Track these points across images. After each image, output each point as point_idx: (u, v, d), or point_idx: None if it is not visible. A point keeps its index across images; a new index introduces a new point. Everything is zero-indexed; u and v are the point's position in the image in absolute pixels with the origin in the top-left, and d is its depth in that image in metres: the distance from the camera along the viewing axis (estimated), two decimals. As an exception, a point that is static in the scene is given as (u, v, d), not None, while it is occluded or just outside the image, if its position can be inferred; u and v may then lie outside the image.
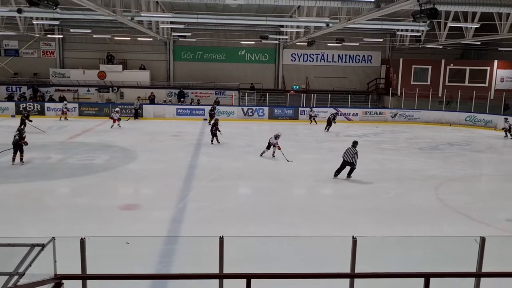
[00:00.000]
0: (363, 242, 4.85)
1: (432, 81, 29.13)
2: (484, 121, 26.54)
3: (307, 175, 14.30)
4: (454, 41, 24.66)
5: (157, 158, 16.26)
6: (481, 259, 4.94)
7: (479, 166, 17.09)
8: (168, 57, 32.48)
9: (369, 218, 10.21)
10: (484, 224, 10.03)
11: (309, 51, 32.54)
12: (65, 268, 4.30)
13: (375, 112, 28.70)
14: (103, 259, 6.17)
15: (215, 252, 4.68)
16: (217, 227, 8.99)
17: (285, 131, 24.23)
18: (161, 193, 12.13)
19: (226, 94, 30.56)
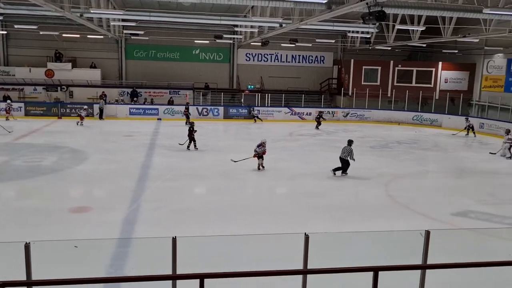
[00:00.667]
0: (315, 238, 4.96)
1: (382, 82, 30.12)
2: (430, 120, 27.74)
3: (261, 174, 14.40)
4: (402, 43, 25.63)
5: (109, 158, 15.85)
6: (426, 252, 5.17)
7: (425, 163, 17.83)
8: (120, 55, 31.69)
9: (322, 215, 10.42)
10: (430, 218, 10.49)
11: (264, 51, 32.78)
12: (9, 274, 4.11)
13: (328, 112, 29.29)
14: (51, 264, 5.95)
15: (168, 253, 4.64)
16: (171, 228, 8.88)
17: (239, 131, 24.37)
18: (113, 194, 11.83)
19: (181, 94, 30.20)
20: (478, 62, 29.14)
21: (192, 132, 17.78)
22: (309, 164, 16.16)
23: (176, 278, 4.44)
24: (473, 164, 17.35)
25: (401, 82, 29.92)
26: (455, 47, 28.65)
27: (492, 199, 12.72)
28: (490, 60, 28.07)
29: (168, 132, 22.48)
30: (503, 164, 17.25)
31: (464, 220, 10.48)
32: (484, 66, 28.60)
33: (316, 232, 5.19)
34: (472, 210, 11.29)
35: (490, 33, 19.42)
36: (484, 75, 28.59)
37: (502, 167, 16.85)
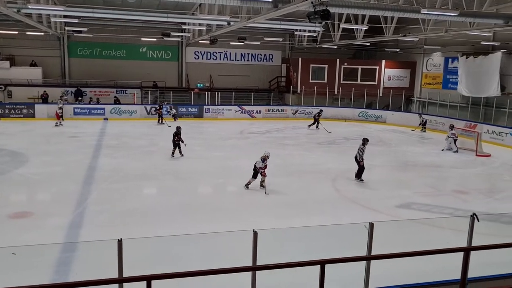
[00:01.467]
0: (264, 235, 5.01)
1: (329, 79, 30.83)
2: (375, 116, 28.72)
3: (211, 172, 14.36)
4: (347, 41, 26.36)
5: (52, 161, 15.22)
6: (371, 244, 5.36)
7: (371, 158, 18.41)
8: (63, 53, 30.43)
9: (272, 212, 10.56)
10: (376, 211, 10.89)
11: (212, 49, 32.63)
12: None
13: (277, 109, 29.63)
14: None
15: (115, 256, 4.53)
16: (119, 230, 8.68)
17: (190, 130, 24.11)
18: (57, 198, 11.39)
19: (128, 93, 29.44)
20: (418, 60, 30.50)
21: (177, 137, 16.08)
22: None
23: (123, 281, 4.34)
24: (416, 158, 18.16)
25: (347, 80, 30.76)
26: (397, 45, 29.82)
27: (433, 191, 13.38)
28: (429, 58, 29.46)
29: (115, 132, 21.89)
30: (445, 158, 18.16)
31: (407, 212, 10.97)
32: (423, 64, 29.99)
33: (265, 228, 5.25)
34: (414, 202, 11.83)
35: (428, 33, 20.37)
36: (424, 73, 29.97)
37: (443, 160, 17.75)
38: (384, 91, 30.60)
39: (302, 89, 29.84)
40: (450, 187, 14.03)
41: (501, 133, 21.48)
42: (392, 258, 5.28)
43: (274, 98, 31.56)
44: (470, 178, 15.33)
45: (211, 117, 28.13)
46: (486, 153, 18.66)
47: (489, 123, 22.65)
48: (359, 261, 5.30)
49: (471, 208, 9.79)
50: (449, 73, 27.45)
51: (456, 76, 26.13)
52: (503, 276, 6.07)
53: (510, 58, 23.00)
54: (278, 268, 4.68)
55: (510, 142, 20.86)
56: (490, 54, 23.63)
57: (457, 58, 25.96)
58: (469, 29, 17.98)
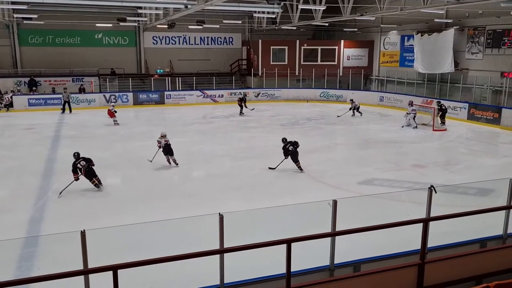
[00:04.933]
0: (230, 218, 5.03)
1: (289, 61, 30.92)
2: (335, 96, 29.15)
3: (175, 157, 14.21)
4: (306, 22, 26.43)
5: (7, 155, 14.67)
6: (335, 220, 5.48)
7: (333, 137, 18.80)
8: (13, 41, 29.03)
9: (236, 195, 10.63)
10: (339, 189, 11.16)
11: (171, 34, 31.96)
12: None
13: (239, 93, 29.50)
14: None
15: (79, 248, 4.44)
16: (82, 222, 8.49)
17: (152, 117, 23.74)
18: (15, 193, 11.02)
19: (85, 81, 28.51)
20: (375, 40, 31.02)
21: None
22: (223, 145, 16.26)
23: (88, 273, 4.28)
24: (376, 135, 18.62)
25: (307, 61, 30.94)
26: (355, 25, 30.19)
27: (393, 166, 13.80)
28: (386, 37, 30.01)
29: (74, 122, 21.25)
30: (404, 134, 18.72)
31: (369, 188, 11.28)
32: (381, 43, 30.53)
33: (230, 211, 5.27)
34: (376, 178, 12.18)
35: (384, 12, 20.72)
36: (382, 51, 30.54)
37: (402, 136, 18.30)
38: (344, 70, 31.02)
39: (264, 72, 29.83)
40: (409, 162, 14.51)
41: (455, 108, 22.29)
42: (356, 232, 5.44)
43: (236, 81, 31.41)
44: (428, 152, 15.89)
45: (173, 103, 27.74)
46: (442, 128, 19.36)
47: (444, 98, 23.43)
48: (324, 238, 5.42)
49: (429, 181, 10.16)
50: (406, 51, 28.10)
51: (412, 54, 26.79)
52: (460, 244, 6.38)
53: (463, 35, 23.76)
54: (245, 249, 4.73)
55: (464, 116, 21.72)
56: (444, 31, 24.32)
57: (412, 36, 26.59)
58: (423, 7, 18.39)
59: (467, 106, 21.88)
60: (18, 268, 6.76)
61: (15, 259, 7.01)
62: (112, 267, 3.80)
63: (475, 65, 23.30)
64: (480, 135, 18.59)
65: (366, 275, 5.35)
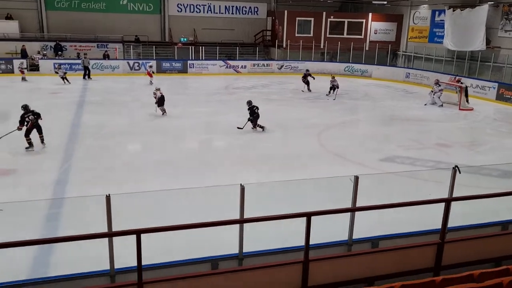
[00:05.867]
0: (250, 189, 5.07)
1: (315, 33, 30.34)
2: (360, 71, 28.60)
3: (196, 128, 14.31)
4: (334, -7, 25.78)
5: (34, 118, 14.92)
6: (355, 196, 5.48)
7: (356, 112, 18.57)
8: (39, 5, 29.19)
9: (257, 166, 10.65)
10: (360, 165, 11.07)
11: (196, 2, 31.65)
12: None
13: (262, 64, 29.27)
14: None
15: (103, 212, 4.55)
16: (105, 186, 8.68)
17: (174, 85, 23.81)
18: (42, 155, 11.29)
19: (109, 47, 28.63)
20: (405, 13, 30.09)
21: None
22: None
23: (112, 235, 4.40)
24: (400, 112, 18.30)
25: (333, 34, 30.31)
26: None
27: (416, 144, 13.59)
28: (416, 11, 29.08)
29: (98, 88, 21.48)
30: (429, 112, 18.33)
31: (391, 165, 11.17)
32: (410, 17, 29.62)
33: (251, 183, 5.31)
34: (398, 156, 12.03)
35: (416, -15, 20.02)
36: (411, 26, 29.66)
37: (427, 114, 17.93)
38: (370, 45, 30.32)
39: (288, 44, 29.38)
40: (433, 140, 14.26)
41: (484, 87, 21.67)
42: (376, 209, 5.44)
43: (259, 52, 31.07)
44: (453, 132, 15.58)
45: (195, 72, 27.70)
46: (469, 107, 18.89)
47: (474, 77, 22.76)
48: (344, 213, 5.43)
49: (453, 161, 10.01)
50: (436, 26, 27.22)
51: (443, 29, 25.93)
52: (481, 226, 6.31)
53: (497, 11, 22.84)
54: (265, 220, 4.77)
55: (493, 96, 21.10)
56: (477, 7, 23.41)
57: (444, 10, 25.68)
58: (457, -19, 17.70)
59: (496, 86, 21.21)
60: (45, 228, 6.98)
61: (41, 219, 7.24)
62: (135, 231, 3.89)
63: (508, 44, 22.45)
64: (508, 116, 18.09)
65: (384, 251, 5.36)
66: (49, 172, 9.76)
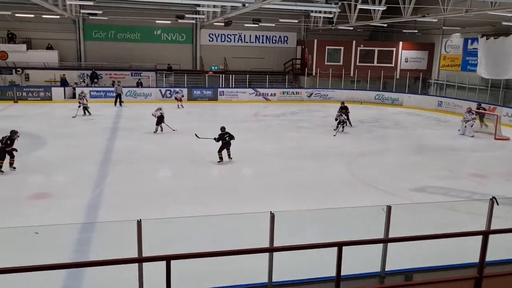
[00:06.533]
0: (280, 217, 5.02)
1: (344, 61, 30.42)
2: (391, 99, 28.36)
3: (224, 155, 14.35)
4: (364, 23, 25.90)
5: (69, 143, 15.40)
6: (388, 226, 5.34)
7: (386, 141, 18.30)
8: (78, 36, 30.52)
9: (287, 194, 10.56)
10: (391, 194, 10.83)
11: (227, 32, 32.39)
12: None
13: (292, 92, 29.45)
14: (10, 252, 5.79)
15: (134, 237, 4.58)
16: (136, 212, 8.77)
17: (204, 112, 24.19)
18: (75, 180, 11.55)
19: (143, 75, 29.50)
20: (436, 42, 29.87)
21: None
22: (273, 144, 16.27)
23: (142, 261, 4.41)
24: (432, 141, 17.93)
25: (363, 62, 30.31)
26: (415, 27, 29.22)
27: (450, 174, 13.22)
28: (448, 39, 28.83)
29: (131, 115, 22.02)
30: (462, 141, 17.90)
31: (423, 195, 10.88)
32: (442, 45, 29.36)
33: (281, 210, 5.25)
34: (430, 185, 11.72)
35: (448, 13, 19.88)
36: (442, 54, 29.37)
37: (460, 143, 17.51)
38: (401, 73, 30.12)
39: (317, 72, 29.54)
40: (468, 170, 13.86)
41: (520, 116, 21.05)
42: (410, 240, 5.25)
43: (288, 80, 31.33)
44: (489, 162, 15.09)
45: (225, 99, 28.11)
46: (505, 137, 18.33)
47: (508, 106, 22.17)
48: (377, 244, 5.29)
49: (489, 192, 9.65)
50: (469, 54, 26.86)
51: (476, 57, 25.53)
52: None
53: (532, 39, 22.38)
54: (295, 249, 4.69)
55: (530, 125, 20.46)
56: (511, 35, 23.01)
57: (477, 39, 25.33)
58: (491, 9, 17.48)
59: (533, 114, 20.61)
60: (76, 252, 7.07)
61: (72, 243, 7.34)
62: (165, 257, 3.88)
63: (544, 72, 21.88)
64: (547, 147, 17.44)
65: (418, 285, 5.15)
66: (82, 196, 9.95)
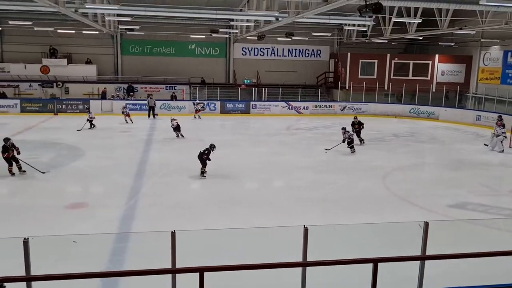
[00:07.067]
0: (314, 231, 4.95)
1: (378, 75, 30.07)
2: (427, 112, 27.75)
3: (257, 168, 14.39)
4: (398, 36, 25.60)
5: (105, 155, 15.80)
6: (425, 243, 5.18)
7: (422, 156, 17.87)
8: (116, 50, 31.51)
9: (319, 208, 10.43)
10: (427, 210, 10.52)
11: (260, 45, 32.67)
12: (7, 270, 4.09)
13: (324, 106, 29.29)
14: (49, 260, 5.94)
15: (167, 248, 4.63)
16: (169, 223, 8.87)
17: (237, 125, 24.37)
18: (110, 191, 11.81)
19: (177, 89, 30.10)
20: (474, 55, 29.13)
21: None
22: (305, 157, 16.16)
23: (176, 272, 4.43)
24: (470, 156, 17.37)
25: (397, 75, 29.89)
26: (452, 39, 28.62)
27: (488, 190, 12.76)
28: (486, 52, 28.06)
29: (164, 127, 22.38)
30: (502, 157, 17.24)
31: (461, 212, 10.52)
32: (480, 58, 28.60)
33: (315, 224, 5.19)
34: (468, 202, 11.33)
35: (487, 25, 19.40)
36: (481, 67, 28.59)
37: (500, 159, 16.88)
38: (437, 86, 29.50)
39: (351, 85, 29.30)
40: (508, 187, 13.33)
41: None
42: (449, 258, 5.10)
43: (321, 94, 31.21)
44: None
45: (257, 113, 28.22)
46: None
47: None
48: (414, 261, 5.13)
49: (532, 210, 9.25)
50: (509, 67, 26.04)
51: (516, 70, 24.75)
52: None
53: None
54: (329, 264, 4.61)
55: None
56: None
57: (517, 51, 24.59)
58: (532, 21, 16.97)
59: None
60: (110, 261, 7.19)
61: (107, 252, 7.47)
62: (198, 269, 3.89)
63: None
64: None
65: (458, 306, 4.97)
66: (117, 207, 10.14)
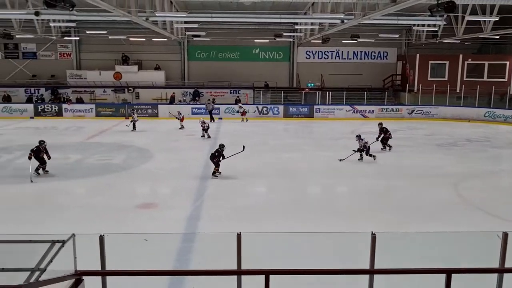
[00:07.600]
0: (382, 237, 4.79)
1: (450, 77, 28.69)
2: (504, 116, 26.02)
3: (321, 172, 14.21)
4: (472, 35, 24.23)
5: (173, 157, 16.35)
6: (504, 255, 4.84)
7: (499, 162, 16.79)
8: (183, 56, 32.58)
9: (387, 214, 10.09)
10: (503, 219, 9.85)
11: (324, 48, 32.31)
12: (85, 264, 4.33)
13: (391, 109, 28.40)
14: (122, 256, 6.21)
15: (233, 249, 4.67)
16: (234, 225, 8.97)
17: (300, 129, 24.26)
18: (178, 192, 12.18)
19: (241, 93, 30.56)
20: (558, 53, 26.97)
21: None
22: (371, 162, 15.72)
23: (242, 274, 4.46)
24: (554, 163, 16.07)
25: (471, 77, 28.33)
26: (532, 37, 26.69)
27: None
28: None
29: (229, 130, 22.81)
30: None
31: (545, 223, 9.71)
32: None
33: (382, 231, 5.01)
34: (553, 212, 10.44)
35: None
36: None
37: None
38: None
39: (420, 88, 28.17)
40: None
41: None
42: (532, 273, 4.71)
43: (388, 97, 30.28)
44: None
45: (321, 116, 27.94)
46: None
47: None
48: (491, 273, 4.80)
49: None
50: None
51: None
52: None
53: None
54: (398, 273, 4.43)
55: None
56: None
57: None
58: None
59: None
60: (177, 260, 7.40)
61: (174, 251, 7.70)
62: (265, 272, 3.89)
63: None
64: None
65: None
66: (184, 208, 10.44)
